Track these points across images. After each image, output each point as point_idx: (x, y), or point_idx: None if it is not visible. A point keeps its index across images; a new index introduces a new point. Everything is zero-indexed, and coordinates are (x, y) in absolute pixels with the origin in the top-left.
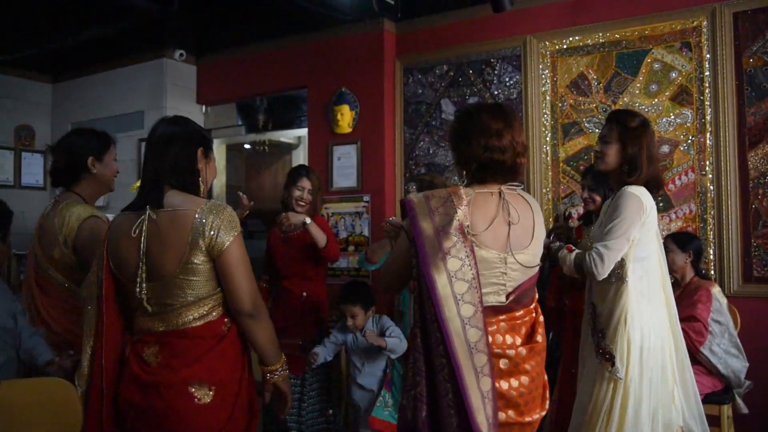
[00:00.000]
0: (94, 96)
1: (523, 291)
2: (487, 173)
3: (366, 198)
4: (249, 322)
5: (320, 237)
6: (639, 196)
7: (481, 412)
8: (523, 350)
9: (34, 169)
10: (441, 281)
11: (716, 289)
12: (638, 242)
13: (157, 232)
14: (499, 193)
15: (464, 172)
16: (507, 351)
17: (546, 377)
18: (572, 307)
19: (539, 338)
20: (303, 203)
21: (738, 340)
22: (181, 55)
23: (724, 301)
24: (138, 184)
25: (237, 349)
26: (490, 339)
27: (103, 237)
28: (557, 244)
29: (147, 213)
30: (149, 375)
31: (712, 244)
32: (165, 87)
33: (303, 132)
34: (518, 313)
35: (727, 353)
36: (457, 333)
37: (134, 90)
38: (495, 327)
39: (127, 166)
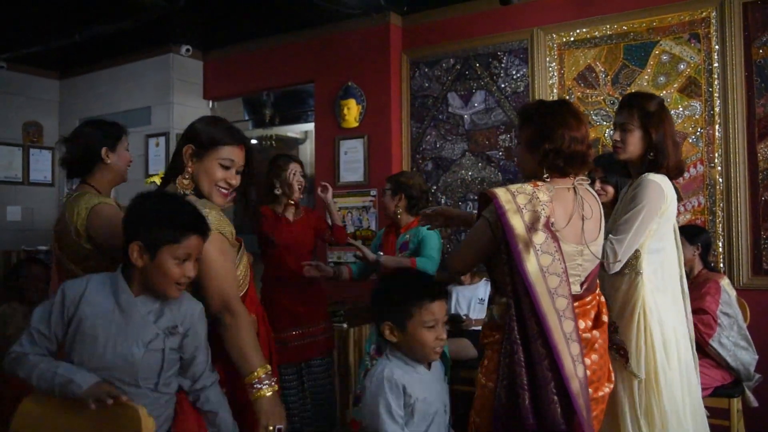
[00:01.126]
0: (102, 92)
1: (592, 278)
2: (569, 165)
3: (373, 192)
4: (229, 322)
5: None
6: (660, 184)
7: (581, 397)
8: (596, 333)
9: (43, 166)
10: (537, 277)
11: (725, 282)
12: (655, 233)
13: None
14: (574, 188)
15: (543, 168)
16: (584, 335)
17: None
18: None
19: (605, 318)
20: (301, 186)
21: (747, 333)
22: (188, 50)
23: (733, 293)
24: (151, 178)
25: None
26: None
27: None
28: None
29: None
30: None
31: (721, 237)
32: (172, 82)
33: (310, 126)
34: (587, 299)
35: (737, 346)
36: (555, 326)
37: (141, 86)
38: None
39: (134, 162)
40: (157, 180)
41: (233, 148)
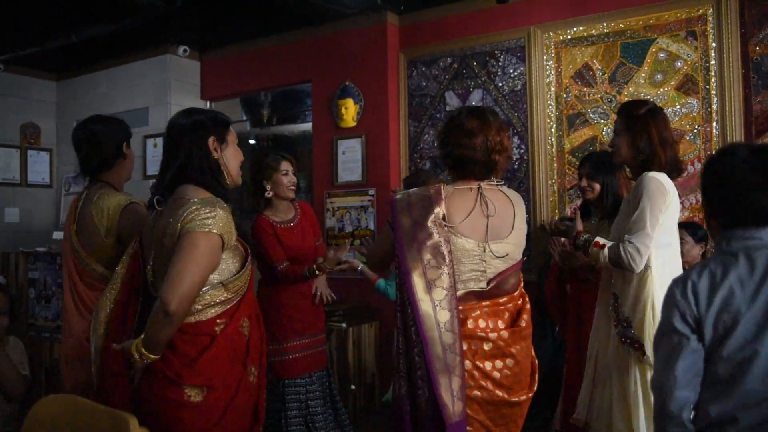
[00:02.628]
0: (99, 93)
1: (504, 278)
2: (463, 170)
3: (371, 192)
4: (159, 317)
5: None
6: (660, 179)
7: (447, 386)
8: (505, 333)
9: (40, 167)
10: (416, 269)
11: None
12: (662, 227)
13: (161, 221)
14: (478, 188)
15: (447, 170)
16: (489, 334)
17: (536, 361)
18: (575, 298)
19: (523, 323)
20: (294, 187)
21: None
22: (185, 51)
23: None
24: None
25: (235, 351)
26: (473, 323)
27: (137, 231)
28: (584, 237)
29: (156, 209)
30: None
31: None
32: (169, 83)
33: (308, 126)
34: (501, 299)
35: None
36: (428, 314)
37: (138, 87)
38: (478, 312)
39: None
40: None
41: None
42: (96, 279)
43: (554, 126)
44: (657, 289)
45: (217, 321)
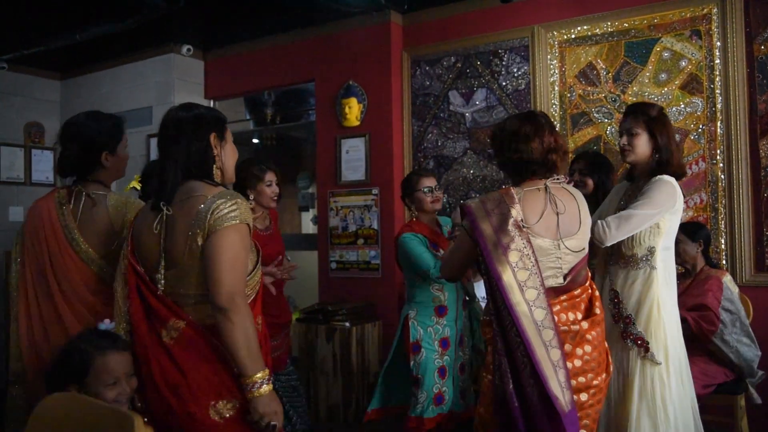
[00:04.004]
0: (103, 92)
1: (577, 271)
2: (525, 172)
3: (375, 191)
4: (221, 319)
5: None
6: (674, 185)
7: (554, 379)
8: (585, 324)
9: (44, 166)
10: (505, 273)
11: (727, 278)
12: (668, 231)
13: (172, 223)
14: (545, 187)
15: (523, 172)
16: (572, 326)
17: (606, 345)
18: None
19: (597, 311)
20: (276, 197)
21: (750, 330)
22: (189, 50)
23: (735, 290)
24: (131, 185)
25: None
26: (556, 318)
27: (130, 226)
28: None
29: (164, 211)
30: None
31: (723, 234)
32: (173, 82)
33: (311, 125)
34: (576, 292)
35: (739, 342)
36: (525, 314)
37: (142, 86)
38: (558, 306)
39: (136, 162)
40: (136, 185)
41: None
42: (105, 284)
43: (558, 125)
44: (662, 289)
45: None
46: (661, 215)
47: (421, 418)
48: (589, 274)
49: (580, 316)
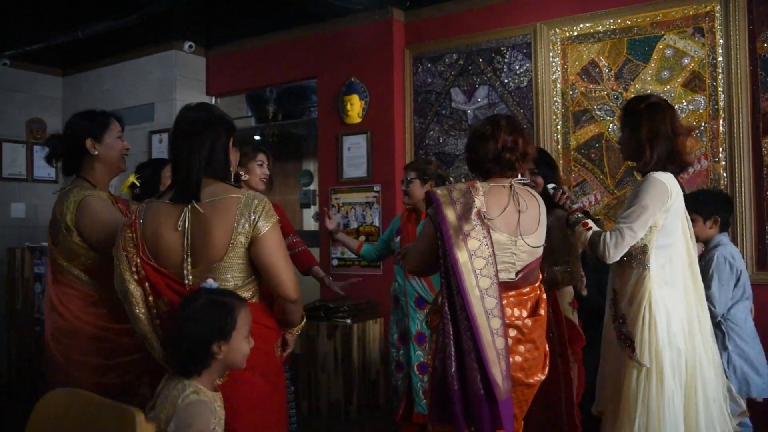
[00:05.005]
0: (104, 89)
1: (529, 270)
2: (480, 169)
3: (376, 188)
4: (292, 308)
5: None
6: (664, 181)
7: (497, 365)
8: (528, 321)
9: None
10: (462, 258)
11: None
12: (662, 229)
13: (202, 222)
14: (510, 186)
15: (480, 169)
16: (515, 322)
17: (547, 347)
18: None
19: (542, 312)
20: (265, 179)
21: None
22: (191, 46)
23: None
24: (130, 181)
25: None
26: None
27: (133, 223)
28: (575, 216)
29: (190, 206)
30: None
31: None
32: (174, 79)
33: (313, 123)
34: (525, 290)
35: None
36: (477, 300)
37: (144, 82)
38: (506, 301)
39: (138, 159)
40: (136, 180)
41: None
42: (63, 274)
43: (560, 123)
44: (655, 289)
45: (261, 305)
46: (653, 215)
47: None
48: (540, 276)
49: (525, 313)
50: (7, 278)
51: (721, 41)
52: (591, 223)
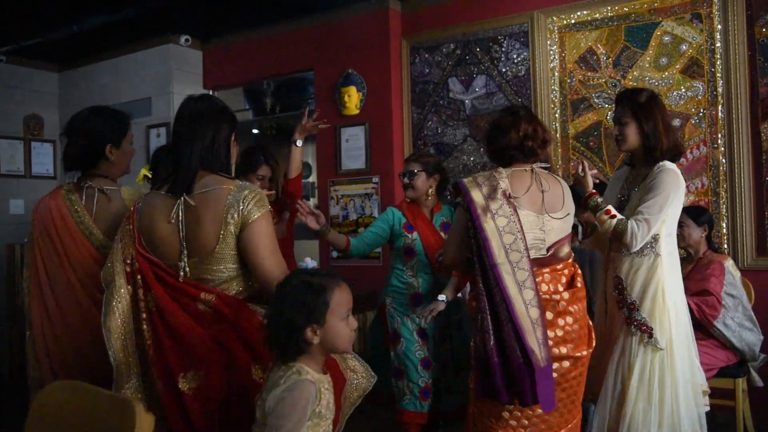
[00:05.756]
0: (101, 84)
1: (559, 246)
2: (504, 158)
3: (375, 179)
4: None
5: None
6: (677, 172)
7: (532, 334)
8: (566, 294)
9: (44, 159)
10: (491, 234)
11: (729, 263)
12: (671, 217)
13: (194, 214)
14: (531, 170)
15: (503, 157)
16: (553, 296)
17: (590, 321)
18: None
19: (579, 284)
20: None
21: (752, 314)
22: (187, 40)
23: (737, 274)
24: (143, 174)
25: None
26: (538, 288)
27: (131, 215)
28: (595, 200)
29: (182, 199)
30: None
31: (725, 218)
32: (171, 73)
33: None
34: (558, 266)
35: (741, 326)
36: (508, 273)
37: (141, 77)
38: (540, 278)
39: (136, 154)
40: (148, 173)
41: None
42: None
43: (558, 111)
44: (666, 276)
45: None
46: (672, 205)
47: (416, 412)
48: (572, 253)
49: (561, 287)
50: (7, 274)
51: (719, 27)
52: (614, 210)
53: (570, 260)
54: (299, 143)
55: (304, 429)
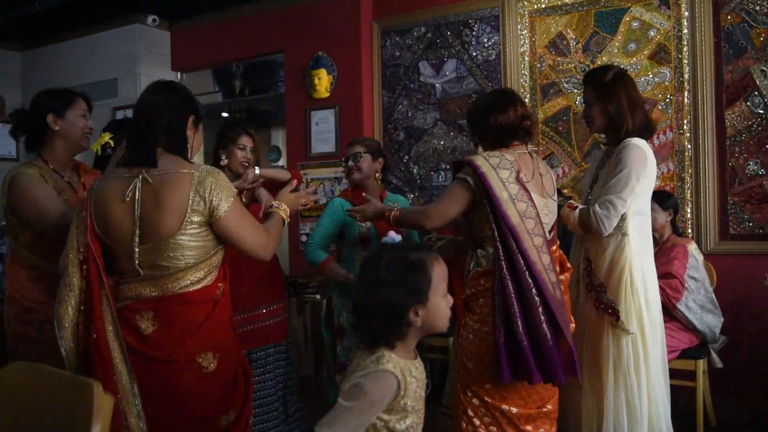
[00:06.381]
0: (66, 64)
1: (555, 229)
2: (504, 137)
3: None
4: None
5: (281, 175)
6: (642, 147)
7: (562, 314)
8: (562, 277)
9: (6, 140)
10: (516, 220)
11: (692, 246)
12: (639, 195)
13: (152, 194)
14: (530, 153)
15: (490, 143)
16: (559, 277)
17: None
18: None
19: (568, 265)
20: (248, 164)
21: (714, 297)
22: (154, 20)
23: (700, 257)
24: (103, 140)
25: (229, 313)
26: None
27: (85, 200)
28: (560, 198)
29: (141, 176)
30: (148, 346)
31: (689, 203)
32: (138, 54)
33: (280, 98)
34: (554, 248)
35: (703, 309)
36: (536, 259)
37: (107, 57)
38: None
39: (94, 131)
40: (109, 141)
41: None
42: (9, 251)
43: (528, 96)
44: (634, 256)
45: (219, 285)
46: (638, 181)
47: None
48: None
49: (558, 269)
50: None
51: (686, 13)
52: (574, 202)
53: (557, 243)
54: (257, 170)
55: (378, 420)
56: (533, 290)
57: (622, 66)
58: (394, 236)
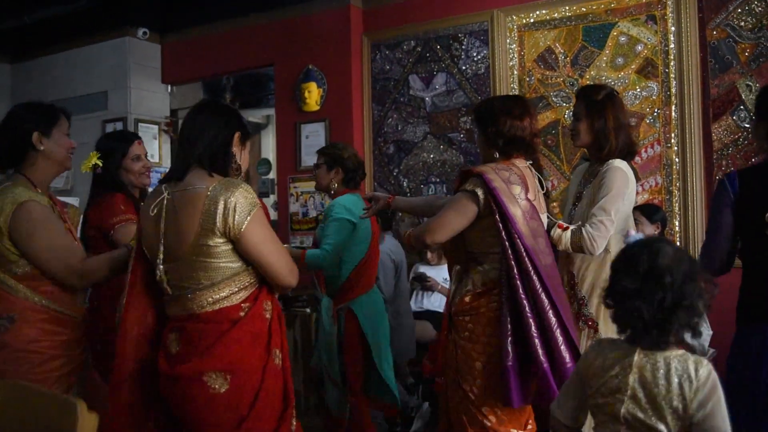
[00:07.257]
0: (56, 76)
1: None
2: (513, 148)
3: None
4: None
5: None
6: (624, 169)
7: (575, 331)
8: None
9: None
10: (530, 241)
11: None
12: (620, 215)
13: (173, 211)
14: (530, 167)
15: (496, 150)
16: None
17: None
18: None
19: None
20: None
21: None
22: (145, 33)
23: None
24: (91, 160)
25: (257, 335)
26: None
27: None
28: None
29: (165, 192)
30: (170, 365)
31: (677, 216)
32: (129, 66)
33: (271, 111)
34: None
35: None
36: (549, 277)
37: (97, 70)
38: None
39: (90, 148)
40: (98, 161)
41: None
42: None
43: None
44: None
45: (242, 306)
46: (622, 202)
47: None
48: None
49: None
50: None
51: (673, 29)
52: (565, 223)
53: None
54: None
55: None
56: (550, 311)
57: (610, 80)
58: (633, 235)
